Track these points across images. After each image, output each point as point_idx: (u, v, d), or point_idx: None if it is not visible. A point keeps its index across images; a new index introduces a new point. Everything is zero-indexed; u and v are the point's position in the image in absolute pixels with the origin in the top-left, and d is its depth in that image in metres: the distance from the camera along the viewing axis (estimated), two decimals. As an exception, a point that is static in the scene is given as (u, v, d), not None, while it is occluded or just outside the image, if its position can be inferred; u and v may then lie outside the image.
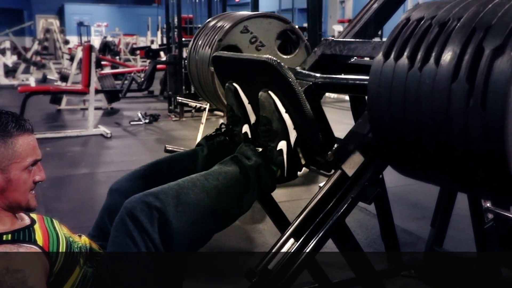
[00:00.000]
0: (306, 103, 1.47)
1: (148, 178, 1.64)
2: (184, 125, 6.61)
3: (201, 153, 1.75)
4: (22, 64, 12.00)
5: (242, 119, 1.70)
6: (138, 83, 8.61)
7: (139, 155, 5.04)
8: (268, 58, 1.47)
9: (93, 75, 6.06)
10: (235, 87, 1.68)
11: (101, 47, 14.04)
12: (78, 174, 4.34)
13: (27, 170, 1.29)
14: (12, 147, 1.26)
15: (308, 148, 1.57)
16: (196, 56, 2.23)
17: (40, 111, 7.56)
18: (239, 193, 1.48)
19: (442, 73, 1.04)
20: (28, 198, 1.32)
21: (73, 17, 21.72)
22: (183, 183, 1.44)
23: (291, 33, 2.16)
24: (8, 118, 1.28)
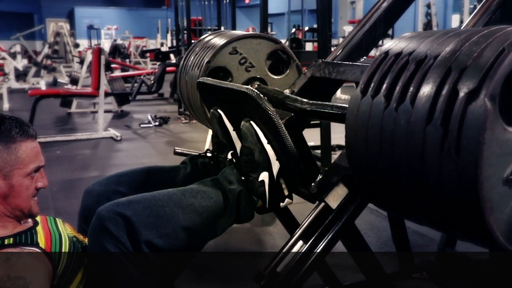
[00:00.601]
0: (287, 135, 1.45)
1: (123, 184, 1.64)
2: (194, 128, 6.63)
3: (183, 170, 1.74)
4: (32, 67, 12.13)
5: (227, 146, 1.68)
6: (147, 85, 8.66)
7: (149, 158, 5.06)
8: (247, 89, 1.45)
9: (103, 78, 6.10)
10: (220, 113, 1.66)
11: (111, 50, 14.14)
12: (88, 177, 4.36)
13: (30, 176, 1.31)
14: (15, 152, 1.27)
15: (292, 179, 1.55)
16: (186, 76, 2.20)
17: (50, 114, 7.62)
18: (215, 215, 1.47)
19: (417, 115, 1.01)
20: (30, 204, 1.33)
21: (83, 21, 21.90)
22: (158, 195, 1.43)
23: (282, 53, 2.12)
24: (12, 124, 1.28)
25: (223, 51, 2.02)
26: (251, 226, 3.12)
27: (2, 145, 1.25)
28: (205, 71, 1.99)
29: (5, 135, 1.26)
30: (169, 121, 6.96)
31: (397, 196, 1.14)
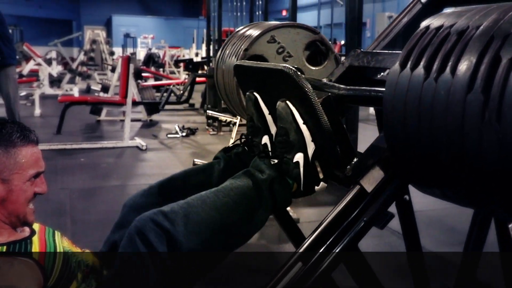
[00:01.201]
0: (323, 114, 1.45)
1: (162, 194, 1.66)
2: (221, 139, 6.65)
3: (217, 167, 1.75)
4: (67, 74, 12.47)
5: (262, 129, 1.68)
6: (176, 95, 8.76)
7: (172, 169, 5.09)
8: (284, 67, 1.46)
9: (131, 87, 6.20)
10: (255, 96, 1.68)
11: (145, 59, 14.40)
12: (108, 186, 4.43)
13: (29, 182, 1.32)
14: (14, 157, 1.29)
15: (327, 161, 1.55)
16: (223, 65, 2.25)
17: (80, 121, 7.80)
18: (250, 209, 1.47)
19: (458, 84, 1.01)
20: (26, 211, 1.34)
21: (120, 29, 22.45)
22: (192, 201, 1.44)
23: (320, 44, 2.14)
24: (13, 128, 1.31)
25: (261, 39, 2.05)
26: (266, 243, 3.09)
27: (2, 149, 1.28)
28: (242, 58, 2.01)
29: (5, 139, 1.28)
30: (196, 132, 7.02)
31: (436, 171, 1.13)
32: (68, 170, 4.90)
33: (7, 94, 6.16)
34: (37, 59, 11.51)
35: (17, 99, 6.35)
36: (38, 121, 7.97)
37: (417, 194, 1.44)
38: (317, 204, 3.71)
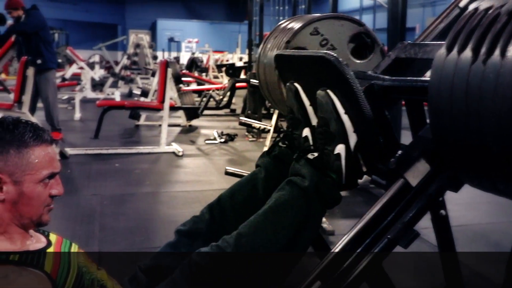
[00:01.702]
0: (366, 102, 1.40)
1: (212, 220, 1.70)
2: (260, 146, 6.57)
3: (259, 176, 1.75)
4: (110, 78, 12.70)
5: (303, 121, 1.66)
6: (216, 100, 8.75)
7: (207, 176, 5.05)
8: (325, 53, 1.43)
9: (168, 91, 6.21)
10: (296, 87, 1.66)
11: (188, 64, 14.52)
12: (141, 192, 4.41)
13: (42, 183, 1.28)
14: (27, 158, 1.25)
15: (370, 153, 1.50)
16: (265, 59, 2.25)
17: (119, 125, 7.89)
18: (303, 220, 1.48)
19: (507, 66, 0.97)
20: (41, 213, 1.30)
21: (165, 33, 22.81)
22: (244, 232, 1.47)
23: (366, 36, 2.09)
24: (26, 128, 1.27)
25: (303, 31, 2.05)
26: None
27: (14, 149, 1.24)
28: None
29: (17, 139, 1.25)
30: (235, 139, 6.97)
31: (485, 160, 1.09)
32: (101, 176, 4.93)
33: (46, 98, 6.30)
34: (79, 63, 11.76)
35: (55, 103, 6.49)
36: (77, 125, 8.12)
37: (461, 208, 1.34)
38: (354, 216, 3.56)
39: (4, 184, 1.24)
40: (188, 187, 4.58)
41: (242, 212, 1.66)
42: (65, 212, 3.85)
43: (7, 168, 1.23)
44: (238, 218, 1.67)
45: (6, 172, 1.23)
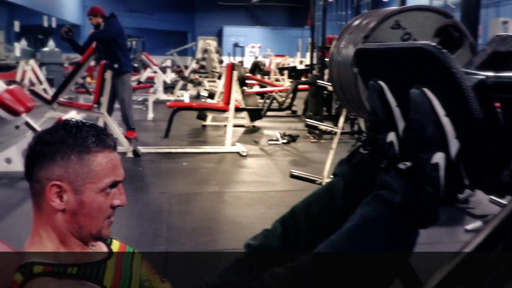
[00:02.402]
0: (476, 103, 1.08)
1: (285, 234, 1.45)
2: (321, 148, 6.28)
3: (338, 186, 1.46)
4: (180, 81, 12.76)
5: (388, 124, 1.35)
6: (278, 102, 8.51)
7: (270, 177, 4.82)
8: (425, 44, 1.12)
9: (233, 93, 6.03)
10: (380, 85, 1.35)
11: (252, 67, 14.38)
12: (206, 192, 4.24)
13: (104, 193, 1.07)
14: (88, 164, 1.05)
15: (475, 164, 1.17)
16: (339, 57, 1.94)
17: (187, 126, 7.82)
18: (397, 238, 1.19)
19: None
20: (101, 226, 1.09)
21: (230, 39, 22.80)
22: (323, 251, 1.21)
23: (453, 30, 1.74)
24: (89, 132, 1.07)
25: (383, 25, 1.77)
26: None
27: (75, 155, 1.04)
28: None
29: (79, 144, 1.05)
30: (297, 140, 6.69)
31: None
32: (170, 174, 4.81)
33: (122, 99, 6.30)
34: (153, 67, 11.87)
35: (131, 104, 6.47)
36: (149, 125, 8.12)
37: None
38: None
39: (64, 192, 1.04)
40: (252, 188, 4.37)
41: (318, 226, 1.42)
42: (135, 210, 3.73)
43: (67, 176, 1.04)
44: (313, 232, 1.41)
45: (67, 179, 1.04)
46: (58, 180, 1.03)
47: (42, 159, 1.04)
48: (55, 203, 1.04)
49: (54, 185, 1.03)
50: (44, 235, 1.07)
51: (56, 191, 1.04)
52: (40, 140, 1.06)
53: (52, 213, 1.06)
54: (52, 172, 1.04)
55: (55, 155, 1.04)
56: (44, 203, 1.05)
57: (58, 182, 1.03)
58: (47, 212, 1.06)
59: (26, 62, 10.45)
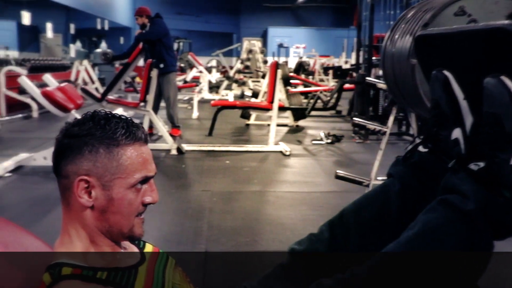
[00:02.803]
0: None
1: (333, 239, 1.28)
2: (367, 148, 6.03)
3: (392, 189, 1.27)
4: (225, 81, 12.73)
5: (453, 119, 1.17)
6: (323, 101, 8.28)
7: (314, 177, 4.63)
8: (508, 24, 0.95)
9: (277, 92, 5.87)
10: (445, 75, 1.17)
11: (296, 67, 14.19)
12: (248, 191, 4.10)
13: (134, 189, 0.96)
14: (117, 158, 0.94)
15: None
16: (393, 48, 1.74)
17: (231, 124, 7.74)
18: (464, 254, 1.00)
19: None
20: (132, 224, 0.98)
21: (275, 39, 22.65)
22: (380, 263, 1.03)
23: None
24: (119, 124, 0.96)
25: (446, 11, 1.55)
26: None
27: (104, 148, 0.94)
28: None
29: (108, 137, 0.94)
30: (342, 140, 6.46)
31: None
32: (212, 172, 4.70)
33: (167, 98, 6.28)
34: (199, 67, 11.88)
35: (176, 102, 6.43)
36: (194, 123, 8.08)
37: None
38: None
39: (93, 188, 0.94)
40: (295, 188, 4.20)
41: (369, 232, 1.25)
42: (177, 207, 3.64)
43: (96, 170, 0.93)
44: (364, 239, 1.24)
45: (95, 174, 0.93)
46: (86, 175, 0.93)
47: (69, 152, 0.94)
48: (83, 199, 0.94)
49: (81, 180, 0.93)
50: (74, 234, 0.97)
51: (84, 186, 0.94)
52: (68, 132, 0.95)
53: (80, 210, 0.96)
54: (80, 166, 0.93)
55: (82, 148, 0.93)
56: (72, 199, 0.95)
57: (86, 177, 0.93)
58: (76, 209, 0.96)
59: (80, 62, 10.67)
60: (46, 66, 10.03)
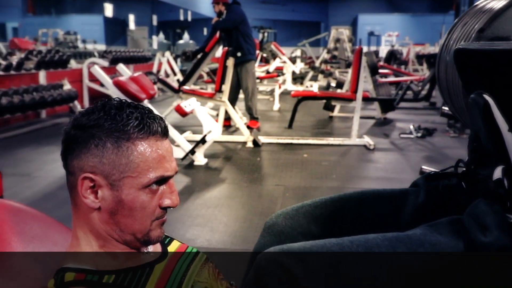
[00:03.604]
0: None
1: (318, 219, 1.16)
2: (462, 143, 5.60)
3: (412, 198, 1.14)
4: (310, 71, 12.55)
5: (496, 155, 0.97)
6: (414, 92, 7.85)
7: (399, 173, 4.37)
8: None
9: (361, 81, 5.62)
10: (486, 100, 0.98)
11: (387, 56, 13.69)
12: (325, 186, 3.94)
13: (149, 190, 0.86)
14: (127, 154, 0.84)
15: None
16: (447, 55, 1.49)
17: (313, 117, 7.58)
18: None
19: None
20: (148, 228, 0.88)
21: (365, 27, 22.08)
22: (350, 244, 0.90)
23: None
24: (132, 115, 0.85)
25: (507, 13, 1.28)
26: None
27: (112, 142, 0.84)
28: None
29: (118, 129, 0.84)
30: (434, 133, 6.07)
31: None
32: (288, 166, 4.58)
33: (246, 88, 6.24)
34: (282, 57, 11.79)
35: (255, 92, 6.38)
36: (275, 115, 8.02)
37: None
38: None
39: (99, 188, 0.85)
40: (376, 184, 3.97)
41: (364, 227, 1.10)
42: (247, 202, 3.57)
43: (102, 168, 0.84)
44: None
45: (101, 172, 0.84)
46: (91, 172, 0.84)
47: (75, 146, 0.85)
48: (89, 200, 0.85)
49: (86, 178, 0.84)
50: (82, 237, 0.89)
51: (89, 185, 0.85)
52: (75, 123, 0.86)
53: (87, 211, 0.87)
54: (86, 162, 0.84)
55: (89, 141, 0.84)
56: (78, 199, 0.87)
57: (90, 174, 0.84)
58: (83, 210, 0.88)
59: (162, 54, 11.00)
60: (127, 58, 10.44)
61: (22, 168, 4.42)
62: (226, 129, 6.25)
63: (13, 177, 4.01)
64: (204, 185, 3.92)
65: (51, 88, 6.79)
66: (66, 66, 8.18)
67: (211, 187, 3.87)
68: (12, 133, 5.94)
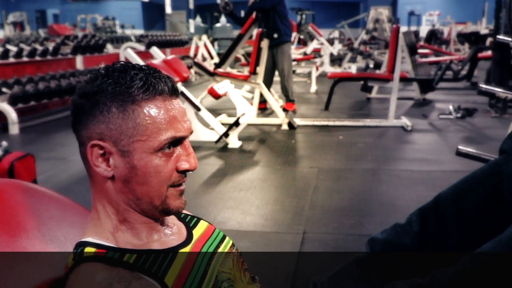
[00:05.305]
0: None
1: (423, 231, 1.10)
2: (504, 123, 5.36)
3: (505, 169, 1.05)
4: (349, 53, 12.30)
5: None
6: (454, 71, 7.56)
7: (437, 154, 4.22)
8: None
9: (399, 61, 5.44)
10: None
11: (428, 36, 13.26)
12: (360, 168, 3.85)
13: (162, 153, 0.81)
14: (133, 118, 0.80)
15: None
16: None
17: (350, 98, 7.44)
18: None
19: None
20: (164, 195, 0.83)
21: (406, 7, 21.39)
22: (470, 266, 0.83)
23: None
24: (136, 76, 0.80)
25: None
26: None
27: (117, 106, 0.80)
28: None
29: (121, 92, 0.80)
30: (474, 114, 5.84)
31: None
32: (323, 148, 4.51)
33: (282, 70, 6.17)
34: (320, 39, 11.59)
35: (290, 74, 6.30)
36: (312, 97, 7.91)
37: None
38: None
39: (110, 155, 0.81)
40: (413, 166, 3.86)
41: (473, 223, 1.03)
42: (280, 184, 3.54)
43: (110, 134, 0.80)
44: (464, 233, 1.01)
45: (109, 138, 0.80)
46: (99, 139, 0.80)
47: (81, 115, 0.82)
48: (101, 169, 0.81)
49: (95, 146, 0.80)
50: (101, 209, 0.85)
51: (99, 153, 0.81)
52: (80, 92, 0.83)
53: (102, 181, 0.83)
54: (93, 130, 0.80)
55: (94, 108, 0.80)
56: (92, 170, 0.83)
57: (99, 141, 0.80)
58: (98, 181, 0.84)
59: (199, 37, 10.99)
60: (164, 42, 10.48)
61: (58, 152, 4.51)
62: (262, 112, 6.20)
63: (49, 161, 4.10)
64: (237, 167, 3.89)
65: (88, 72, 6.90)
66: (102, 51, 8.26)
67: (244, 169, 3.85)
68: (50, 118, 6.08)
